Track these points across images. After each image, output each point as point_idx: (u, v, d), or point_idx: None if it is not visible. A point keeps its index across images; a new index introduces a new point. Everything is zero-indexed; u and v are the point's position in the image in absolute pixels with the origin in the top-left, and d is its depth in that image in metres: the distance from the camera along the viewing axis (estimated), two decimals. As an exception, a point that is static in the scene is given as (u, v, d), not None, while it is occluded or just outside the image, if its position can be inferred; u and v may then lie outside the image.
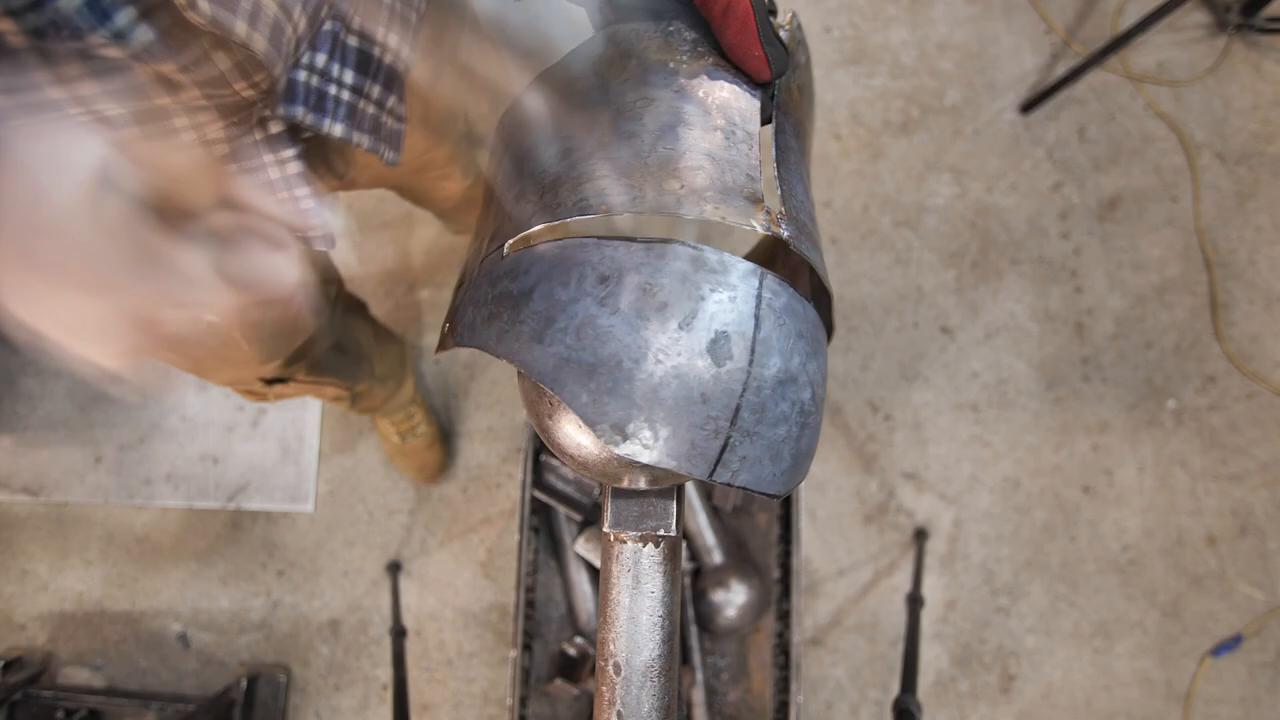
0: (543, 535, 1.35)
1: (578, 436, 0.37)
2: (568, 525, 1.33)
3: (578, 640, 1.28)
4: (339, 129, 0.54)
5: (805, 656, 1.48)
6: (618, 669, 0.38)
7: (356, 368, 1.05)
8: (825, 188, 1.62)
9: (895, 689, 1.09)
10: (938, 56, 1.65)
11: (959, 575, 1.52)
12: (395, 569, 1.48)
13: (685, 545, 1.33)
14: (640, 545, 0.39)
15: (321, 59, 0.51)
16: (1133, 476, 1.55)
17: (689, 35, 0.40)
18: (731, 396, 0.34)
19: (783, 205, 0.39)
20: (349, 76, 0.54)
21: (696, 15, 0.41)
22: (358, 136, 0.56)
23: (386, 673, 1.48)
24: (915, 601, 1.26)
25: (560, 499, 1.31)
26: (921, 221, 1.61)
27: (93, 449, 1.55)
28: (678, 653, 0.40)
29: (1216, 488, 1.55)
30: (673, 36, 0.40)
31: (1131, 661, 1.50)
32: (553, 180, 0.38)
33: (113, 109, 0.41)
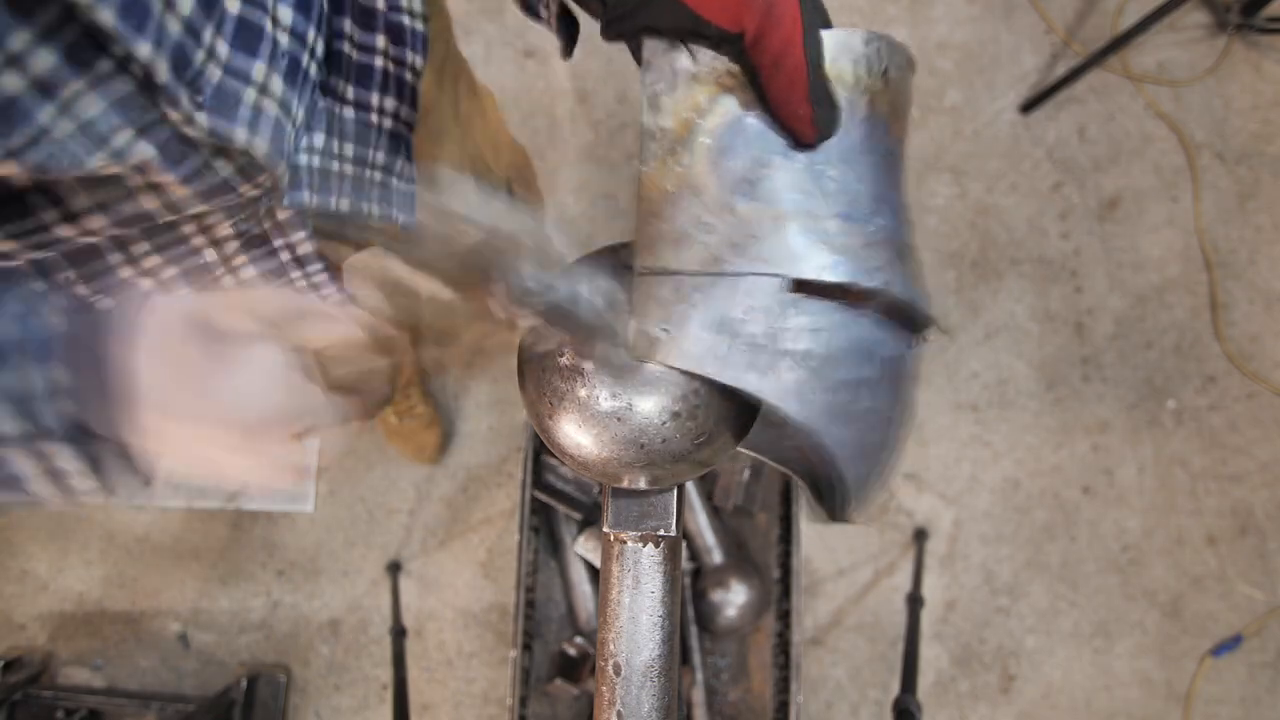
0: (543, 535, 1.35)
1: (578, 436, 0.37)
2: (568, 525, 1.33)
3: (578, 640, 1.28)
4: (346, 204, 0.53)
5: (805, 656, 1.48)
6: (618, 669, 0.38)
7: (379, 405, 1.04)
8: (825, 188, 1.62)
9: (895, 689, 1.09)
10: (938, 56, 1.65)
11: (959, 575, 1.52)
12: (395, 569, 1.48)
13: (685, 545, 1.33)
14: (640, 545, 0.39)
15: (320, 139, 0.50)
16: (1133, 476, 1.55)
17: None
18: None
19: None
20: (350, 150, 0.53)
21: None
22: (367, 207, 0.55)
23: (386, 673, 1.48)
24: (915, 601, 1.26)
25: (560, 499, 1.31)
26: (921, 222, 1.61)
27: (93, 449, 1.55)
28: (678, 653, 0.40)
29: (1216, 488, 1.55)
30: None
31: (1131, 661, 1.50)
32: None
33: (147, 251, 0.47)
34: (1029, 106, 1.62)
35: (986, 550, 1.53)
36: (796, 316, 0.34)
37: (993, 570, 1.52)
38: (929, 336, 0.41)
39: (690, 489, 1.32)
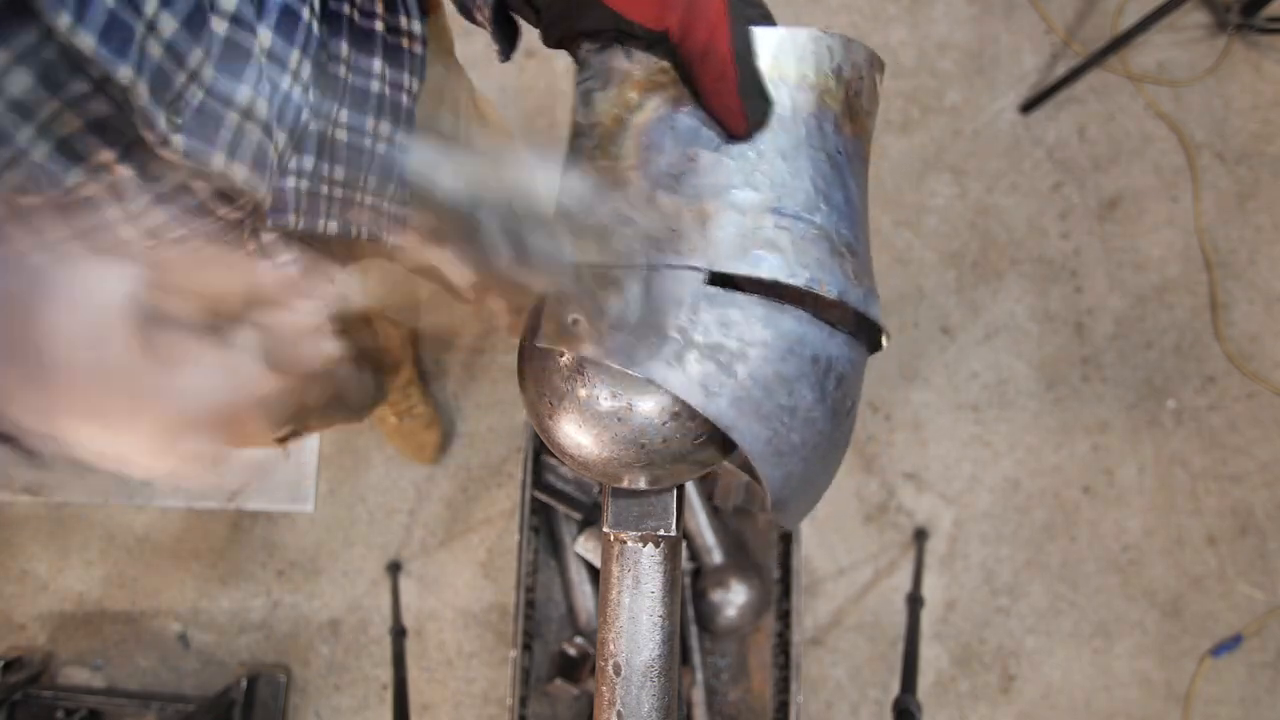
0: (543, 535, 1.35)
1: (578, 436, 0.37)
2: (568, 525, 1.33)
3: (578, 640, 1.28)
4: (334, 226, 0.52)
5: (805, 656, 1.48)
6: (618, 669, 0.38)
7: (366, 407, 1.04)
8: (825, 188, 1.62)
9: (895, 689, 1.09)
10: (938, 56, 1.65)
11: (959, 575, 1.52)
12: (395, 569, 1.48)
13: (685, 545, 1.33)
14: (640, 545, 0.39)
15: (310, 162, 0.49)
16: (1133, 476, 1.55)
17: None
18: None
19: None
20: (340, 173, 0.52)
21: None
22: (355, 229, 0.54)
23: (386, 673, 1.48)
24: (915, 601, 1.26)
25: (560, 499, 1.31)
26: (921, 221, 1.61)
27: (93, 449, 1.55)
28: (678, 653, 0.40)
29: (1216, 488, 1.55)
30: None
31: (1131, 662, 1.50)
32: None
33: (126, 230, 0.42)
34: (1029, 106, 1.62)
35: (986, 550, 1.53)
36: (710, 310, 0.34)
37: (993, 570, 1.52)
38: (883, 341, 0.40)
39: (690, 489, 1.32)
